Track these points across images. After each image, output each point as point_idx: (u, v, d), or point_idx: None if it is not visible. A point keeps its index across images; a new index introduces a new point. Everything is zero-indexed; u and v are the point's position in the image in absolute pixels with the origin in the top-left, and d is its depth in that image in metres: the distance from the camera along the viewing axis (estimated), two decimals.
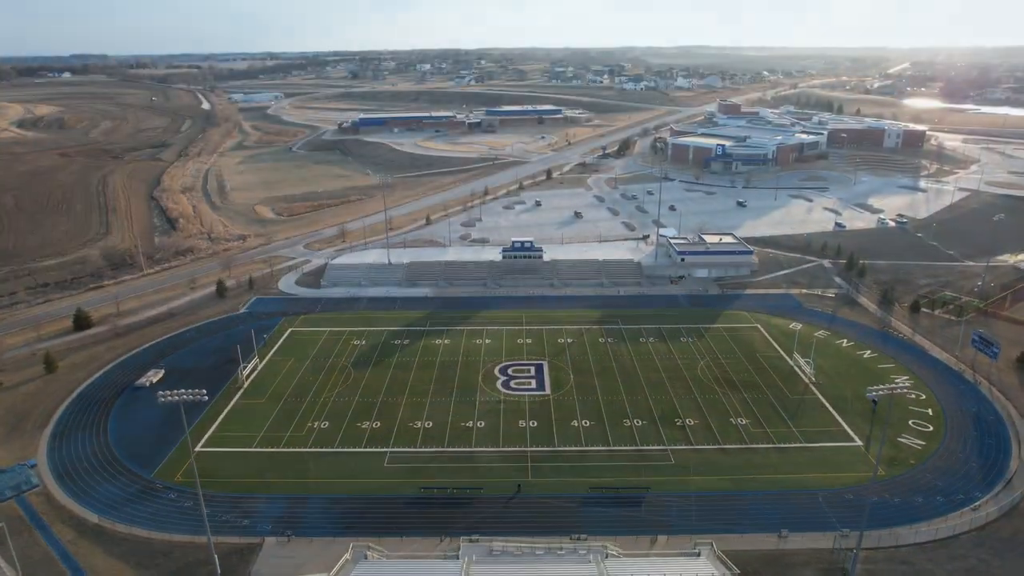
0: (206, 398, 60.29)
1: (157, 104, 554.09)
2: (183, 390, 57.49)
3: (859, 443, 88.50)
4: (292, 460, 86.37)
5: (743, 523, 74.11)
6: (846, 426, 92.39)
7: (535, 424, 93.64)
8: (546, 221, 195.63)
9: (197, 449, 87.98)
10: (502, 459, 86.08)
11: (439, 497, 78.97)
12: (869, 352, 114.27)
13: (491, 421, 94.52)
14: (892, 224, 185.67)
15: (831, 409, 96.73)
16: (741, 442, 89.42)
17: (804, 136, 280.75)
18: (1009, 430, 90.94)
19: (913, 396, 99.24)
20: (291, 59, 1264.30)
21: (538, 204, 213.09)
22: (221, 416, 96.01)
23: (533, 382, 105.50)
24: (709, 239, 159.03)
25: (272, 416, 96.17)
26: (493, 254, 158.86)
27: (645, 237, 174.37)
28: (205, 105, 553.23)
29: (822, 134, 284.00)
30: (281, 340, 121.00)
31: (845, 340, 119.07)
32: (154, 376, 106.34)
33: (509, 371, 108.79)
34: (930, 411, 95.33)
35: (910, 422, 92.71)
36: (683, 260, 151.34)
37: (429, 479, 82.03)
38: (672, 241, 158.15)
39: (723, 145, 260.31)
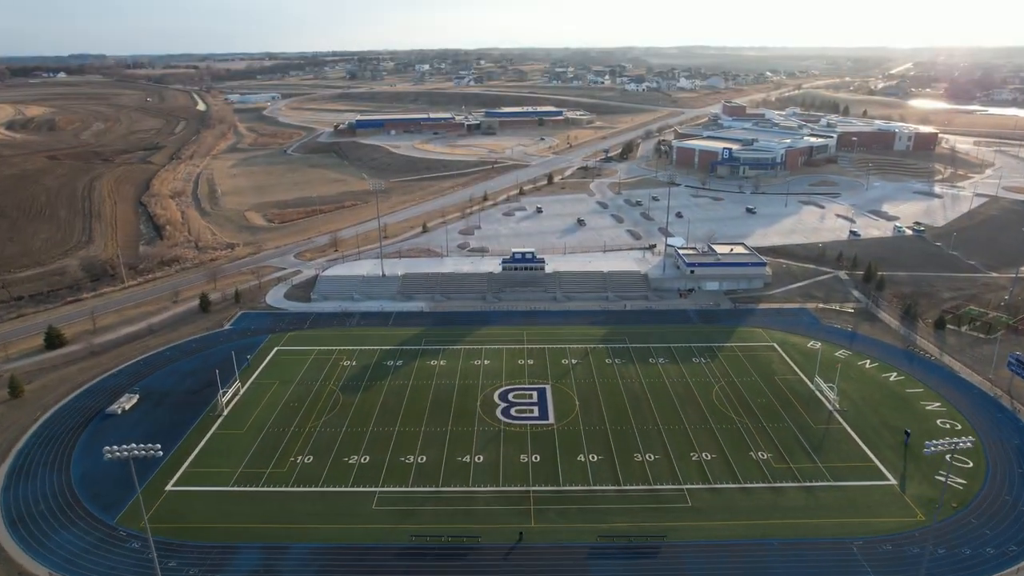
0: (160, 454, 52.57)
1: (152, 105, 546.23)
2: (134, 445, 49.77)
3: (892, 481, 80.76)
4: (272, 501, 78.58)
5: None
6: (877, 461, 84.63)
7: (538, 459, 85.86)
8: (547, 229, 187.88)
9: (168, 488, 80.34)
10: (502, 500, 78.30)
11: (432, 546, 71.24)
12: (895, 375, 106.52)
13: (490, 455, 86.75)
14: (909, 232, 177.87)
15: (859, 441, 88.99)
16: (764, 480, 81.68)
17: (813, 139, 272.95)
18: None
19: (948, 426, 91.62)
20: (290, 59, 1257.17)
21: (539, 211, 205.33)
22: (196, 449, 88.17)
23: (535, 409, 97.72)
24: (719, 249, 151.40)
25: (252, 449, 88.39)
26: (492, 265, 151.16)
27: (652, 247, 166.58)
28: (201, 106, 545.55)
29: (831, 137, 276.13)
30: (266, 361, 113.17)
31: (868, 361, 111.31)
32: (127, 402, 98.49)
33: (509, 396, 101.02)
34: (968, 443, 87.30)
35: (947, 457, 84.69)
36: (692, 272, 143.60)
37: (421, 525, 74.28)
38: (680, 252, 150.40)
39: (729, 148, 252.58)
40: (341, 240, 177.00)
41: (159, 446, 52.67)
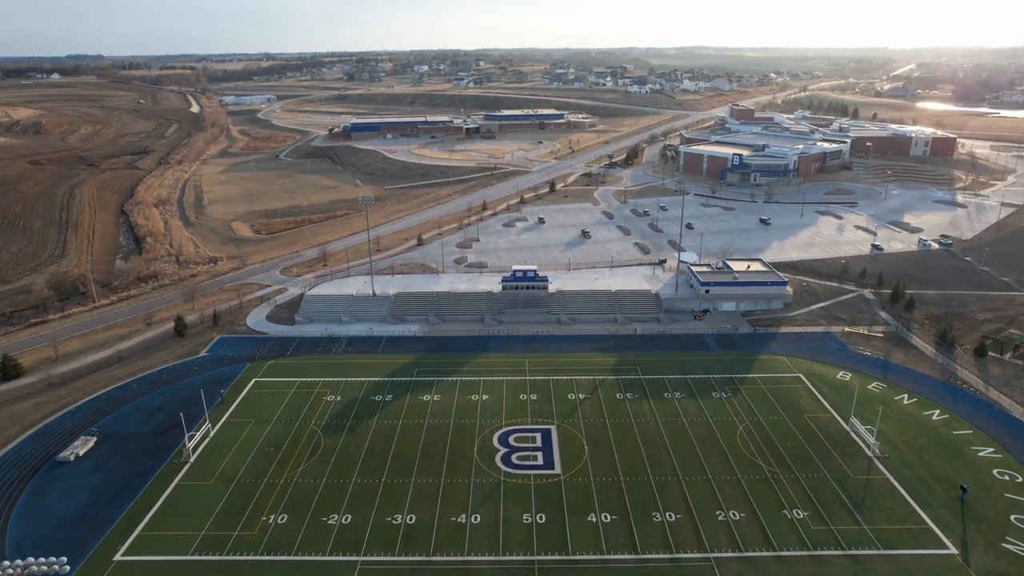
0: (67, 568, 41.98)
1: (144, 107, 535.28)
2: (33, 559, 39.18)
3: (953, 551, 70.07)
4: (238, 574, 67.98)
5: None
6: (931, 522, 74.02)
7: (543, 519, 75.26)
8: (550, 241, 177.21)
9: (117, 558, 69.43)
10: (502, 574, 67.71)
11: None
12: (938, 412, 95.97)
13: (488, 514, 76.17)
14: (935, 246, 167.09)
15: (907, 496, 78.40)
16: (802, 546, 71.06)
17: (826, 144, 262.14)
18: None
19: (1007, 477, 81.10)
20: (287, 60, 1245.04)
21: (541, 221, 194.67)
22: (156, 506, 77.56)
23: (540, 456, 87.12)
24: (735, 266, 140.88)
25: (219, 505, 77.82)
26: (491, 283, 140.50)
27: (662, 262, 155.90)
28: (195, 108, 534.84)
29: (845, 142, 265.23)
30: (242, 395, 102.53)
31: (905, 396, 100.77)
32: (82, 447, 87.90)
33: (510, 440, 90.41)
34: None
35: (1012, 517, 74.34)
36: (707, 292, 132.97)
37: None
38: (693, 269, 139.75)
39: (740, 154, 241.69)
40: (331, 253, 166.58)
41: (65, 559, 42.16)
